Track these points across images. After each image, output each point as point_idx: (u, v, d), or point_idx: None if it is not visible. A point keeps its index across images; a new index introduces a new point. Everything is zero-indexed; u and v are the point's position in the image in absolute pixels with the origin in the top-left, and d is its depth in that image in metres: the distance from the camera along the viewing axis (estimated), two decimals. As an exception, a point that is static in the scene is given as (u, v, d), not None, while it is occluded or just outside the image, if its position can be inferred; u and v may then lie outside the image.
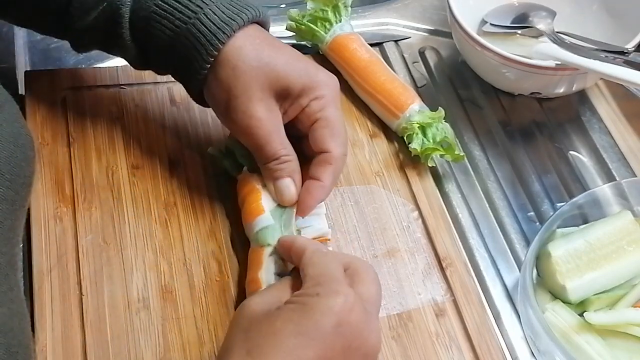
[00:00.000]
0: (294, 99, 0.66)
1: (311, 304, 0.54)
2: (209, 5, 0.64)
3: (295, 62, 0.66)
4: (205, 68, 0.64)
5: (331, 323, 0.53)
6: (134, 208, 0.70)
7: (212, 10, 0.64)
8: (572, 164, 0.83)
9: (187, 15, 0.64)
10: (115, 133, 0.75)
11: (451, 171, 0.80)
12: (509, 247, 0.75)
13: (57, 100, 0.76)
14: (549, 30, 0.85)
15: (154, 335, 0.63)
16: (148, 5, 0.65)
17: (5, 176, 0.54)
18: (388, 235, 0.72)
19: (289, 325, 0.53)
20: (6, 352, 0.49)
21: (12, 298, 0.53)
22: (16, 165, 0.56)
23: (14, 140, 0.56)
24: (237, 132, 0.67)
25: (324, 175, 0.66)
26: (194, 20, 0.64)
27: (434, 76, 0.89)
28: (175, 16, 0.65)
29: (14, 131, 0.56)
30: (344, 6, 0.84)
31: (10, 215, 0.55)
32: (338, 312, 0.54)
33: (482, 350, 0.66)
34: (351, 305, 0.54)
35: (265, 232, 0.64)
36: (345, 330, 0.54)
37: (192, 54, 0.64)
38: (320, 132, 0.66)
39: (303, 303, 0.55)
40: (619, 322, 0.67)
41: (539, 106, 0.87)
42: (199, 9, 0.64)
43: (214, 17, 0.64)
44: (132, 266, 0.67)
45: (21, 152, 0.57)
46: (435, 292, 0.69)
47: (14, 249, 0.56)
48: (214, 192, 0.72)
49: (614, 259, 0.69)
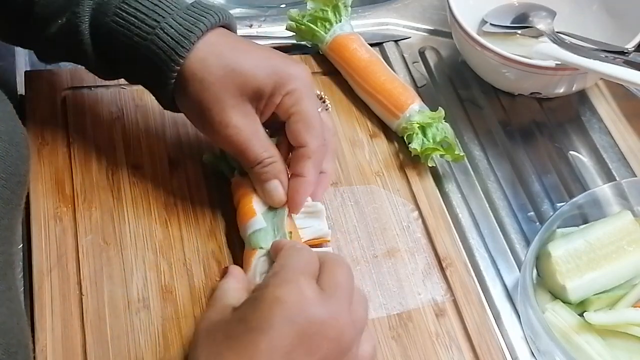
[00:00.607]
0: (267, 98, 0.65)
1: (260, 297, 0.53)
2: (165, 19, 0.63)
3: (262, 62, 0.65)
4: (171, 83, 0.64)
5: (279, 312, 0.52)
6: (134, 208, 0.70)
7: (168, 24, 0.63)
8: (572, 164, 0.83)
9: (145, 31, 0.63)
10: (115, 133, 0.75)
11: (451, 171, 0.80)
12: (509, 247, 0.75)
13: (57, 100, 0.76)
14: (549, 30, 0.85)
15: (154, 335, 0.63)
16: (106, 21, 0.64)
17: (1, 175, 0.54)
18: (388, 235, 0.72)
19: (240, 324, 0.53)
20: (5, 353, 0.49)
21: (10, 297, 0.53)
22: (11, 164, 0.55)
23: (9, 139, 0.56)
24: (217, 141, 0.67)
25: (305, 169, 0.65)
26: (152, 36, 0.63)
27: (434, 76, 0.89)
28: (133, 32, 0.64)
29: (8, 129, 0.56)
30: (344, 6, 0.84)
31: (6, 214, 0.55)
32: (287, 300, 0.52)
33: (482, 350, 0.66)
34: (300, 291, 0.53)
35: (257, 235, 0.64)
36: (298, 316, 0.52)
37: (155, 68, 0.64)
38: (294, 127, 0.65)
39: (254, 298, 0.54)
40: (619, 322, 0.67)
41: (539, 106, 0.87)
42: (155, 24, 0.63)
43: (172, 31, 0.63)
44: (132, 266, 0.66)
45: (16, 150, 0.56)
46: (435, 292, 0.69)
47: (11, 248, 0.56)
48: (213, 192, 0.72)
49: (614, 259, 0.69)
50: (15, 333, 0.52)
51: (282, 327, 0.51)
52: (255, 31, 0.90)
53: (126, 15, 0.64)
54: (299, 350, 0.52)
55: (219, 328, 0.54)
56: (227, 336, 0.53)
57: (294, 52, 0.87)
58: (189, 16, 0.64)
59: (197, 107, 0.64)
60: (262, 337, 0.51)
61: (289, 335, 0.51)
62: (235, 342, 0.52)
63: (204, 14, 0.64)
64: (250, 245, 0.64)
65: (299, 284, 0.53)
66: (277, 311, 0.52)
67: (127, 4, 0.64)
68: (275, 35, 0.89)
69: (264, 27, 0.91)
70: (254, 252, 0.64)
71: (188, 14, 0.64)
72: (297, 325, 0.52)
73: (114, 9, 0.64)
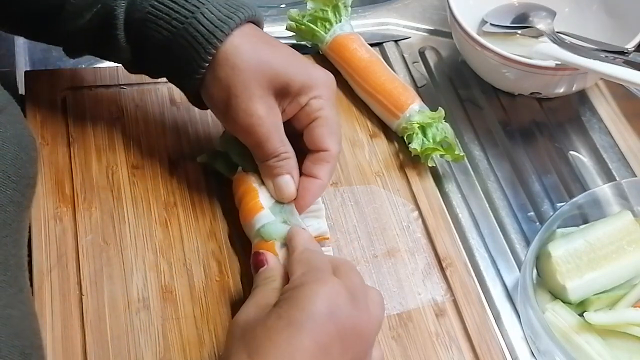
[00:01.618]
0: (293, 97, 0.66)
1: (297, 295, 0.54)
2: (205, 5, 0.64)
3: (293, 60, 0.67)
4: (204, 67, 0.64)
5: (320, 307, 0.53)
6: (134, 208, 0.70)
7: (208, 9, 0.64)
8: (572, 164, 0.83)
9: (183, 15, 0.64)
10: (115, 133, 0.75)
11: (451, 171, 0.80)
12: (509, 247, 0.75)
13: (57, 100, 0.76)
14: (549, 30, 0.85)
15: (154, 335, 0.63)
16: (143, 6, 0.65)
17: (12, 178, 0.54)
18: (388, 235, 0.72)
19: (280, 321, 0.53)
20: (21, 355, 0.49)
21: (22, 300, 0.53)
22: (21, 167, 0.56)
23: (18, 142, 0.56)
24: (238, 130, 0.67)
25: (322, 172, 0.66)
26: (191, 20, 0.64)
27: (434, 76, 0.89)
28: (171, 16, 0.65)
29: (17, 133, 0.56)
30: (344, 6, 0.84)
31: (17, 217, 0.55)
32: (326, 296, 0.53)
33: (482, 350, 0.66)
34: (337, 290, 0.54)
35: (268, 228, 0.64)
36: (337, 313, 0.53)
37: (189, 53, 0.64)
38: (319, 131, 0.66)
39: (289, 296, 0.55)
40: (619, 322, 0.67)
41: (539, 106, 0.87)
42: (195, 9, 0.64)
43: (211, 16, 0.64)
44: (132, 266, 0.66)
45: (25, 153, 0.57)
46: (435, 292, 0.69)
47: (21, 251, 0.56)
48: (214, 192, 0.72)
49: (614, 259, 0.69)
50: (29, 335, 0.52)
51: (324, 324, 0.53)
52: (255, 31, 0.90)
53: (163, 2, 0.65)
54: (336, 347, 0.53)
55: (257, 325, 0.55)
56: (265, 333, 0.53)
57: (294, 52, 0.87)
58: (225, 7, 0.65)
59: (223, 93, 0.65)
60: (304, 332, 0.52)
61: (329, 332, 0.53)
62: (276, 336, 0.52)
63: (241, 6, 0.65)
64: (263, 238, 0.64)
65: (334, 284, 0.55)
66: (318, 307, 0.53)
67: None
68: (275, 35, 0.88)
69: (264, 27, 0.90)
70: (270, 245, 0.63)
71: (224, 5, 0.65)
72: (337, 324, 0.53)
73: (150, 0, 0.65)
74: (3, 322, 0.49)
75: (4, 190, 0.54)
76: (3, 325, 0.49)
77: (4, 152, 0.54)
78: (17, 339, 0.50)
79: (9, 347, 0.48)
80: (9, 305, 0.51)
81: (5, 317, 0.50)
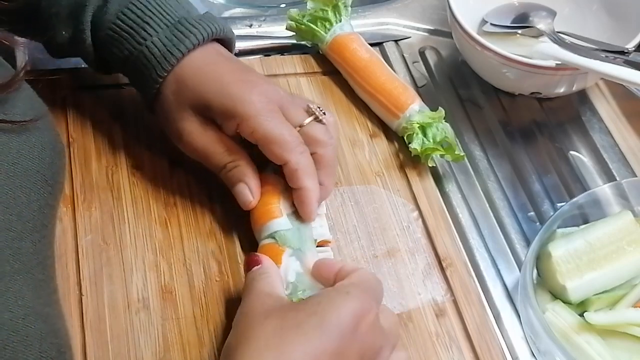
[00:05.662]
0: (221, 120, 0.66)
1: (337, 301, 0.55)
2: (152, 37, 0.67)
3: (222, 87, 0.66)
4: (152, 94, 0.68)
5: (350, 323, 0.54)
6: (134, 208, 0.70)
7: (153, 44, 0.67)
8: (572, 164, 0.83)
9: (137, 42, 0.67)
10: (115, 133, 0.75)
11: (451, 171, 0.80)
12: (509, 247, 0.75)
13: (57, 100, 0.76)
14: (549, 30, 0.85)
15: (154, 335, 0.63)
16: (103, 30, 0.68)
17: (49, 182, 0.57)
18: (388, 236, 0.72)
19: (312, 317, 0.54)
20: (58, 352, 0.51)
21: (56, 300, 0.56)
22: (56, 172, 0.58)
23: (53, 148, 0.59)
24: (185, 152, 0.69)
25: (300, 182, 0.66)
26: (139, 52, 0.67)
27: (434, 76, 0.89)
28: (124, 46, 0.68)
29: (51, 139, 0.59)
30: (344, 6, 0.84)
31: (50, 220, 0.57)
32: (358, 315, 0.54)
33: (482, 350, 0.66)
34: (370, 315, 0.55)
35: (285, 235, 0.64)
36: (360, 335, 0.54)
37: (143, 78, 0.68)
38: (266, 151, 0.66)
39: (329, 298, 0.55)
40: (619, 322, 0.67)
41: (539, 106, 0.87)
42: (143, 41, 0.67)
43: (155, 51, 0.67)
44: (132, 266, 0.67)
45: (59, 159, 0.59)
46: (435, 292, 0.69)
47: (54, 253, 0.58)
48: (214, 192, 0.72)
49: (614, 259, 0.69)
50: (63, 335, 0.54)
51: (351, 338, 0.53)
52: (255, 31, 0.90)
53: (119, 29, 0.68)
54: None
55: (284, 315, 0.55)
56: (297, 324, 0.53)
57: (294, 52, 0.87)
58: (173, 36, 0.67)
59: (161, 118, 0.69)
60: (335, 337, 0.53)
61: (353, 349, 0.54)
62: (306, 331, 0.53)
63: (189, 34, 0.67)
64: (277, 242, 0.64)
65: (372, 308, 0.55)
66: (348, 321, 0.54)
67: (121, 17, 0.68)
68: (275, 35, 0.89)
69: (264, 27, 0.91)
70: (280, 250, 0.63)
71: (174, 33, 0.67)
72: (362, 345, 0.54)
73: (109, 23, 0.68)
74: (43, 319, 0.51)
75: (42, 193, 0.56)
76: (44, 322, 0.51)
77: (43, 156, 0.56)
78: (55, 337, 0.52)
79: (48, 343, 0.50)
80: (48, 304, 0.53)
81: (45, 315, 0.51)
